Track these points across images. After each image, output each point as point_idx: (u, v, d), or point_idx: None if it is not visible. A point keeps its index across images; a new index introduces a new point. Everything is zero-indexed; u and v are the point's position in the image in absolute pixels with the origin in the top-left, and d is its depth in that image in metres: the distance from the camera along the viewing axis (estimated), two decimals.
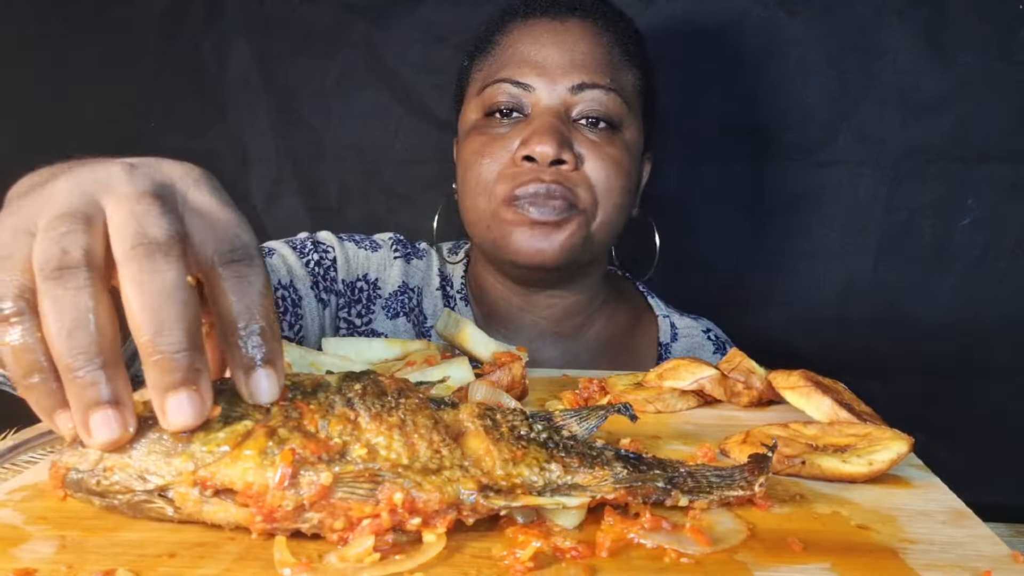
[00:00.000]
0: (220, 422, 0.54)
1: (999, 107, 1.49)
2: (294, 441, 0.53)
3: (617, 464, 0.60)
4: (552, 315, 1.29)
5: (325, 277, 1.24)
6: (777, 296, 1.62)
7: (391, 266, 1.31)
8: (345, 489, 0.52)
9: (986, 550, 0.55)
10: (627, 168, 1.20)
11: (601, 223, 1.18)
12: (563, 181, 1.14)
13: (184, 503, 0.53)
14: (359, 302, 1.27)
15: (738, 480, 0.61)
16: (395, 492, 0.52)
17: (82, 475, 0.54)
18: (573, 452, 0.60)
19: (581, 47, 1.18)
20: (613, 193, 1.18)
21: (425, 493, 0.53)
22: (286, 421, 0.54)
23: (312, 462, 0.53)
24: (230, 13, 1.65)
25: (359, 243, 1.31)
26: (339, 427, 0.55)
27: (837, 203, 1.57)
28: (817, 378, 0.84)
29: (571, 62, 1.17)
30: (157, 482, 0.53)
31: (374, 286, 1.29)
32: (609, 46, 1.21)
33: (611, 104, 1.18)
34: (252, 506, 0.52)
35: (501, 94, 1.18)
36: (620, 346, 1.33)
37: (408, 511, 0.52)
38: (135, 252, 0.50)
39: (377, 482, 0.53)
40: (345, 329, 1.26)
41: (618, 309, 1.36)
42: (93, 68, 1.71)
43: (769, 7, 1.53)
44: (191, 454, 0.53)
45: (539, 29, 1.20)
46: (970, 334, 1.56)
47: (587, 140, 1.17)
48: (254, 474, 0.52)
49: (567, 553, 0.53)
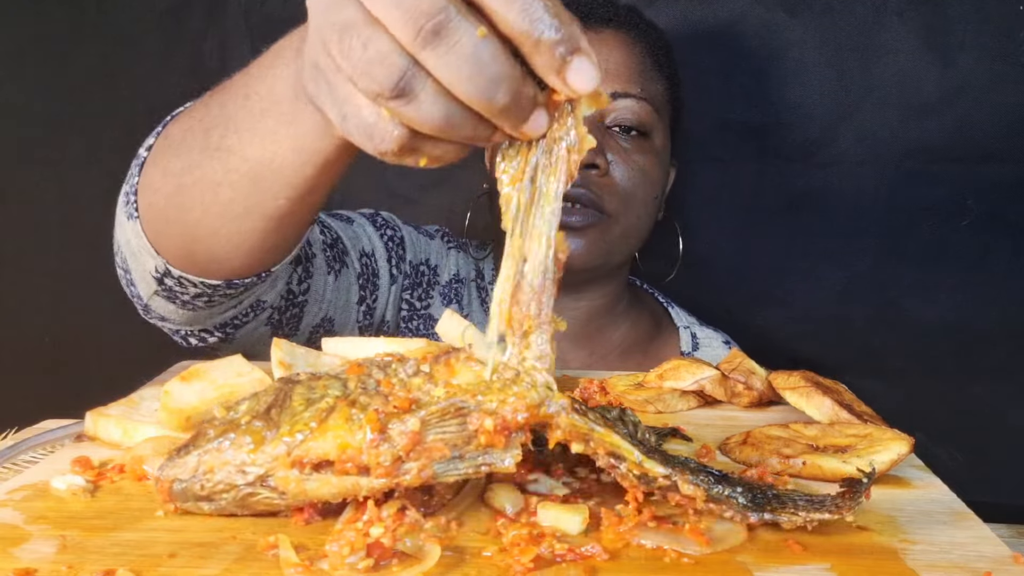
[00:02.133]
0: (303, 405, 0.55)
1: (999, 107, 1.49)
2: (375, 404, 0.54)
3: (700, 474, 0.58)
4: (576, 316, 1.30)
5: (396, 254, 1.26)
6: (777, 296, 1.62)
7: (447, 255, 1.34)
8: (436, 431, 0.53)
9: (987, 551, 0.55)
10: (654, 176, 1.24)
11: (625, 228, 1.22)
12: (591, 185, 1.18)
13: (287, 486, 0.54)
14: (420, 286, 1.29)
15: (828, 506, 0.57)
16: (484, 419, 0.52)
17: (185, 484, 0.55)
18: (656, 454, 0.58)
19: (615, 57, 1.23)
20: (638, 201, 1.22)
21: (513, 408, 0.53)
22: (364, 392, 0.55)
23: (398, 415, 0.53)
24: (231, 13, 1.65)
25: (417, 229, 1.33)
26: (417, 381, 0.56)
27: (837, 203, 1.57)
28: (817, 379, 0.84)
29: (605, 72, 1.20)
30: (257, 472, 0.54)
31: (434, 272, 1.32)
32: (641, 56, 1.25)
33: (642, 113, 1.23)
34: (351, 472, 0.52)
35: None
36: (645, 351, 1.35)
37: (503, 433, 0.52)
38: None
39: (464, 415, 0.53)
40: (407, 311, 1.28)
41: (641, 316, 1.39)
42: (93, 68, 1.71)
43: (769, 7, 1.53)
44: (281, 437, 0.54)
45: None
46: (970, 334, 1.55)
47: (618, 147, 1.21)
48: (345, 439, 0.52)
49: (567, 554, 0.53)
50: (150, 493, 0.61)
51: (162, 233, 0.86)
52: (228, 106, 0.77)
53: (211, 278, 0.88)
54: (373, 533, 0.52)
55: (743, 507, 0.56)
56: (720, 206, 1.61)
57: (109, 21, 1.69)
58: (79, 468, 0.66)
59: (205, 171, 0.79)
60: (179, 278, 0.89)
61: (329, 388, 0.56)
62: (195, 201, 0.81)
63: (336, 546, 0.51)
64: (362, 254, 1.19)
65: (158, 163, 0.85)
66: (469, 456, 0.53)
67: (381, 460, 0.52)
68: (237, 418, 0.56)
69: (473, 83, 0.50)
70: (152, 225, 0.86)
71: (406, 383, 0.56)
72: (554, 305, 1.34)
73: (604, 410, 0.64)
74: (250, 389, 0.71)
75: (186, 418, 0.70)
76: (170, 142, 0.85)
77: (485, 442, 0.53)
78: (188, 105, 0.88)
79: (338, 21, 0.52)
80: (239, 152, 0.76)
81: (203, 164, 0.79)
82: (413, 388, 0.55)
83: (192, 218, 0.82)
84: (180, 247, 0.86)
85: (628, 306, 1.37)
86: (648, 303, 1.43)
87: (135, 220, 0.87)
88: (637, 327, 1.37)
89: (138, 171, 0.88)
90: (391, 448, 0.52)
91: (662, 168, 1.28)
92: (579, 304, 1.30)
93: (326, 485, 0.54)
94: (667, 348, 1.37)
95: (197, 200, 0.81)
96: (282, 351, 0.82)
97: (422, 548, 0.52)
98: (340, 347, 0.88)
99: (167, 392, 0.71)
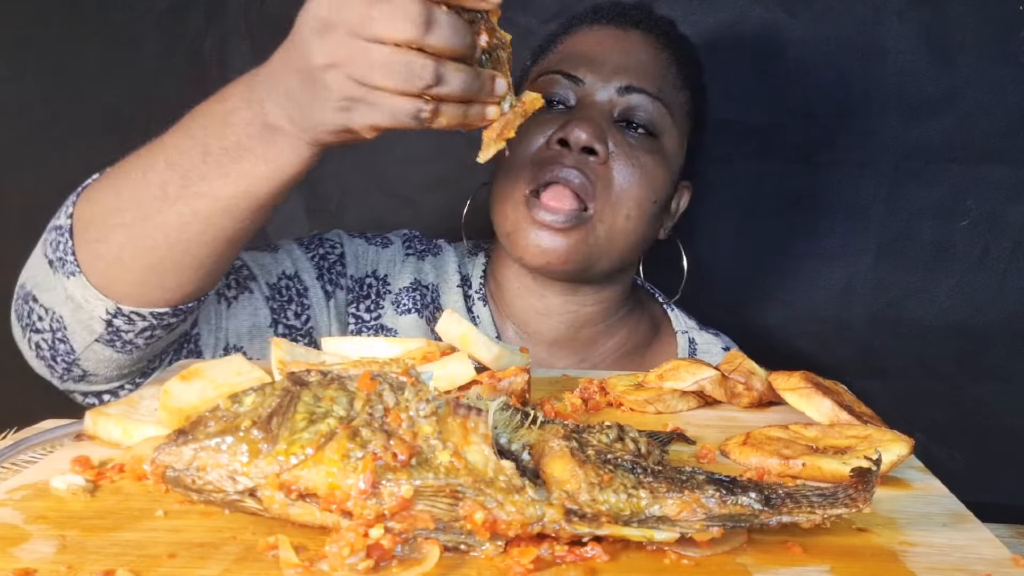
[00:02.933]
0: (304, 419, 0.54)
1: (999, 107, 1.49)
2: (376, 441, 0.53)
3: (709, 487, 0.56)
4: (570, 321, 1.28)
5: (331, 270, 1.25)
6: (777, 296, 1.62)
7: (401, 263, 1.32)
8: (426, 502, 0.52)
9: (987, 553, 0.55)
10: (655, 178, 1.20)
11: (610, 228, 1.17)
12: (584, 169, 1.15)
13: (271, 505, 0.54)
14: (368, 297, 1.28)
15: (842, 498, 0.56)
16: (476, 511, 0.52)
17: (178, 473, 0.55)
18: (661, 477, 0.57)
19: (638, 54, 1.22)
20: (631, 200, 1.18)
21: (507, 514, 0.52)
22: (371, 420, 0.55)
23: (394, 468, 0.53)
24: (231, 13, 1.64)
25: (370, 240, 1.32)
26: (427, 429, 0.55)
27: (837, 203, 1.57)
28: (818, 380, 0.84)
29: (624, 65, 1.21)
30: (247, 484, 0.54)
31: (383, 281, 1.30)
32: (667, 63, 1.24)
33: (655, 112, 1.20)
34: (335, 512, 0.52)
35: (552, 84, 1.22)
36: (640, 359, 1.33)
37: (488, 530, 0.52)
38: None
39: (458, 498, 0.53)
40: (354, 324, 1.27)
41: (640, 323, 1.36)
42: (93, 68, 1.71)
43: (769, 7, 1.53)
44: (275, 455, 0.53)
45: (602, 34, 1.25)
46: (970, 334, 1.55)
47: (624, 141, 1.18)
48: (336, 481, 0.52)
49: (567, 555, 0.53)
50: (150, 493, 0.61)
51: (115, 278, 0.95)
52: (181, 164, 0.90)
53: (161, 307, 0.97)
54: (373, 534, 0.52)
55: (759, 512, 0.55)
56: (720, 206, 1.61)
57: (109, 21, 1.69)
58: (79, 468, 0.66)
59: (167, 216, 0.90)
60: (129, 314, 0.96)
61: (335, 404, 0.55)
62: (157, 242, 0.92)
63: (336, 547, 0.51)
64: (282, 276, 1.19)
65: (96, 223, 0.95)
66: (452, 531, 0.53)
67: (365, 513, 0.52)
68: (239, 419, 0.55)
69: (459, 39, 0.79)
70: (103, 274, 0.95)
71: (414, 424, 0.55)
72: (545, 308, 1.34)
73: (603, 431, 0.63)
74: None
75: (186, 417, 0.69)
76: (104, 206, 0.95)
77: (470, 528, 0.52)
78: (95, 178, 1.00)
79: (362, 59, 0.77)
80: (209, 195, 0.89)
81: (164, 211, 0.90)
82: (419, 435, 0.55)
83: (154, 257, 0.93)
84: (136, 284, 0.94)
85: (626, 315, 1.34)
86: (649, 307, 1.40)
87: (76, 276, 0.95)
88: (634, 335, 1.34)
89: (68, 236, 0.96)
90: (378, 504, 0.52)
91: (667, 173, 1.23)
92: (568, 308, 1.27)
93: (309, 515, 0.54)
94: (661, 356, 1.33)
95: (160, 241, 0.92)
96: (282, 351, 0.82)
97: (422, 549, 0.52)
98: (340, 347, 0.88)
99: (167, 391, 0.71)
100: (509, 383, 0.81)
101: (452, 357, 0.81)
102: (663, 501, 0.55)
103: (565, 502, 0.54)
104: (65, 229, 0.97)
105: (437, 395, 0.57)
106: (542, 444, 0.59)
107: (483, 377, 0.81)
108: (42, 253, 1.00)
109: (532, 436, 0.60)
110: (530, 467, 0.57)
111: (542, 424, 0.61)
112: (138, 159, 0.95)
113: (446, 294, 1.32)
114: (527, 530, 0.53)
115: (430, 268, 1.33)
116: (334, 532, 0.52)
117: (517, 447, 0.59)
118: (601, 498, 0.55)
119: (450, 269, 1.34)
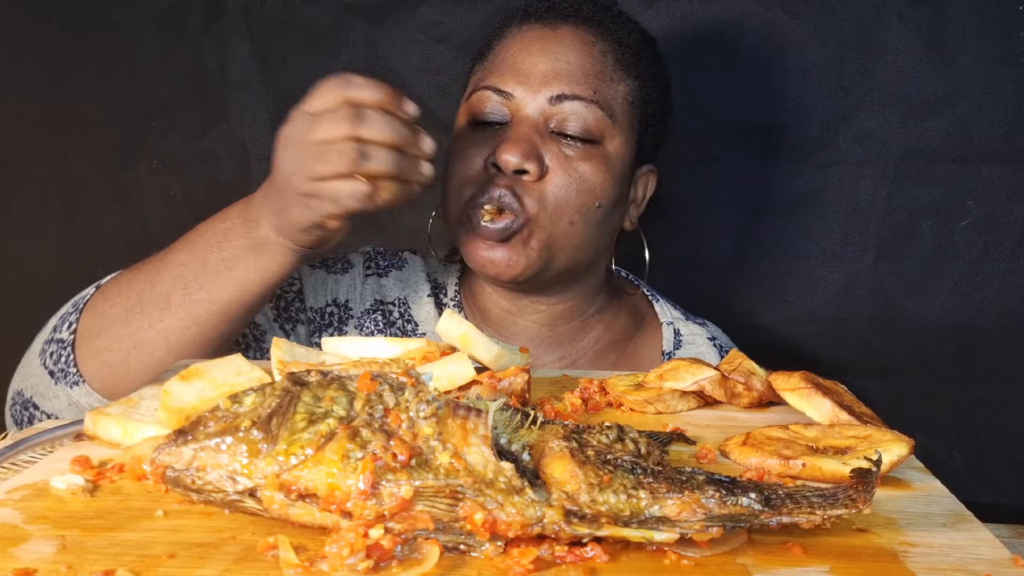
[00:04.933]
0: (304, 420, 0.54)
1: (999, 107, 1.49)
2: (376, 442, 0.53)
3: (709, 488, 0.56)
4: (543, 320, 1.28)
5: (288, 309, 1.26)
6: (777, 296, 1.62)
7: (361, 285, 1.31)
8: (426, 503, 0.52)
9: (987, 553, 0.55)
10: (595, 186, 1.17)
11: (552, 236, 1.15)
12: (516, 188, 1.13)
13: (271, 505, 0.54)
14: (330, 326, 1.28)
15: (842, 499, 0.56)
16: (476, 511, 0.52)
17: (178, 473, 0.55)
18: (661, 477, 0.57)
19: (568, 56, 1.17)
20: (570, 208, 1.15)
21: (507, 515, 0.52)
22: (371, 420, 0.55)
23: (394, 468, 0.53)
24: (231, 13, 1.65)
25: (330, 268, 1.31)
26: (426, 430, 0.55)
27: (837, 203, 1.57)
28: (817, 380, 0.84)
29: (554, 72, 1.17)
30: (247, 484, 0.54)
31: (344, 308, 1.29)
32: (601, 55, 1.19)
33: (591, 117, 1.16)
34: (335, 513, 0.52)
35: (484, 101, 1.19)
36: (621, 352, 1.32)
37: (488, 531, 0.52)
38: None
39: (458, 498, 0.53)
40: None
41: (619, 314, 1.35)
42: (93, 68, 1.71)
43: (769, 8, 1.53)
44: (275, 455, 0.53)
45: (530, 36, 1.21)
46: (970, 334, 1.56)
47: (560, 153, 1.15)
48: (336, 481, 0.52)
49: (567, 556, 0.53)
50: (150, 493, 0.61)
51: (119, 382, 1.03)
52: (184, 276, 1.02)
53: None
54: (372, 535, 0.52)
55: (759, 512, 0.55)
56: (720, 206, 1.61)
57: (109, 21, 1.70)
58: (79, 468, 0.65)
59: (169, 323, 1.02)
60: None
61: (335, 404, 0.55)
62: (158, 347, 1.02)
63: (336, 547, 0.51)
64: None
65: (104, 334, 1.04)
66: (451, 532, 0.53)
67: (365, 513, 0.52)
68: (239, 419, 0.55)
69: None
70: (107, 379, 1.04)
71: (414, 425, 0.55)
72: (516, 308, 1.34)
73: (603, 431, 0.63)
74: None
75: (185, 417, 0.69)
76: (113, 318, 1.04)
77: (469, 529, 0.52)
78: (90, 293, 1.08)
79: (310, 158, 0.93)
80: (207, 301, 1.02)
81: (166, 319, 1.02)
82: (419, 436, 0.55)
83: (155, 360, 1.02)
84: (137, 384, 0.96)
85: (603, 307, 1.32)
86: (632, 299, 1.38)
87: (79, 386, 1.04)
88: (612, 328, 1.33)
89: (70, 349, 1.04)
90: (377, 505, 0.52)
91: (610, 176, 1.18)
92: (538, 308, 1.27)
93: (308, 515, 0.54)
94: (645, 348, 1.33)
95: (162, 345, 1.02)
96: (282, 351, 0.82)
97: (422, 549, 0.52)
98: (340, 347, 0.88)
99: (166, 391, 0.71)
100: (509, 383, 0.81)
101: (452, 357, 0.81)
102: (663, 502, 0.55)
103: (565, 503, 0.54)
104: (68, 343, 1.05)
105: (437, 396, 0.57)
106: (542, 445, 0.59)
107: (483, 377, 0.81)
108: (40, 364, 1.07)
109: (532, 436, 0.60)
110: (530, 468, 0.57)
111: (542, 424, 0.61)
112: (143, 274, 1.05)
113: (416, 304, 1.31)
114: (527, 531, 0.53)
115: (394, 283, 1.32)
116: (334, 532, 0.52)
117: (517, 448, 0.59)
118: (601, 499, 0.55)
119: (419, 279, 1.33)
